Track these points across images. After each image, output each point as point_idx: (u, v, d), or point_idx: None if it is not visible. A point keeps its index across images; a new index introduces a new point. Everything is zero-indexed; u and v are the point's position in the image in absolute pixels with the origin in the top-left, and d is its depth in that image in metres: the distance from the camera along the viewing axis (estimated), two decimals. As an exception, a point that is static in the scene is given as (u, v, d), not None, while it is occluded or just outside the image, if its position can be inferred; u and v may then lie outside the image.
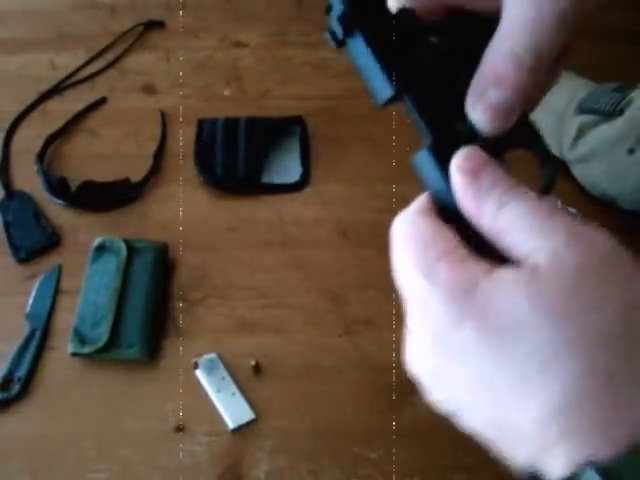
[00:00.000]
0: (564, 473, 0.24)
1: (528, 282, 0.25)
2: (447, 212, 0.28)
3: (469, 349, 0.26)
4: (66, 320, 0.65)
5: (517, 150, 0.30)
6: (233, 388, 0.62)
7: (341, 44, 0.30)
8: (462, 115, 0.28)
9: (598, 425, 0.23)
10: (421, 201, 0.29)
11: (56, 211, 0.73)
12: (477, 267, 0.26)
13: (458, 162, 0.28)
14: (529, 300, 0.24)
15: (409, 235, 0.28)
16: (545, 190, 0.29)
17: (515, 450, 0.26)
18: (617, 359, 0.24)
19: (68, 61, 0.85)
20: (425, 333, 0.27)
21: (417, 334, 0.28)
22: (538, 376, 0.24)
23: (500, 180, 0.27)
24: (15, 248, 0.70)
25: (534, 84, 0.28)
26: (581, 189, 0.75)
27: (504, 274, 0.25)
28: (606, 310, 0.24)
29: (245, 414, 0.60)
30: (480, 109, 0.29)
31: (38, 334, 0.64)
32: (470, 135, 0.28)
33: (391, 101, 0.29)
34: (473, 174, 0.27)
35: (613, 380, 0.23)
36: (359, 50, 0.29)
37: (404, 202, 0.35)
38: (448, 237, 0.27)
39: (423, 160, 0.29)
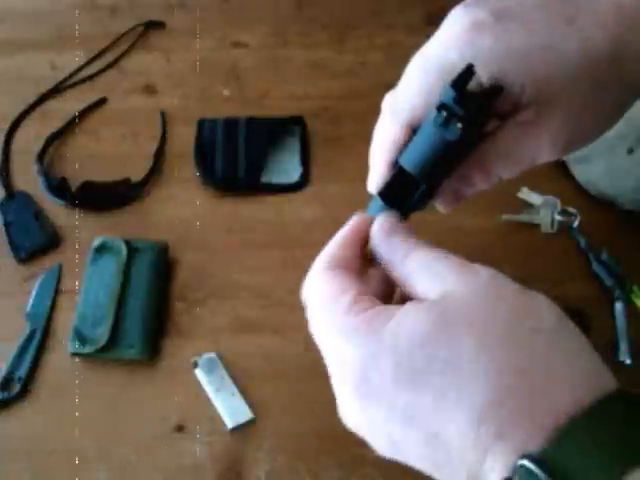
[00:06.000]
0: (505, 474, 0.25)
1: (428, 309, 0.29)
2: None
3: (388, 383, 0.28)
4: (66, 320, 0.65)
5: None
6: (232, 388, 0.62)
7: None
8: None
9: (522, 418, 0.25)
10: (324, 257, 0.34)
11: (56, 211, 0.73)
12: (382, 310, 0.30)
13: (377, 224, 0.35)
14: (432, 323, 0.28)
15: (317, 295, 0.33)
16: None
17: (454, 475, 0.27)
18: (522, 357, 0.27)
19: (68, 61, 0.85)
20: (348, 385, 0.30)
21: (342, 390, 0.31)
22: (456, 387, 0.27)
23: (407, 237, 0.34)
24: (15, 248, 0.70)
25: None
26: (581, 189, 0.75)
27: (407, 309, 0.29)
28: (496, 320, 0.28)
29: (244, 414, 0.60)
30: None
31: (38, 334, 0.64)
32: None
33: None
34: (388, 233, 0.34)
35: (525, 376, 0.26)
36: None
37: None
38: (351, 290, 0.32)
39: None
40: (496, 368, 0.26)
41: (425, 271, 0.31)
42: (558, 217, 0.73)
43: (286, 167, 0.77)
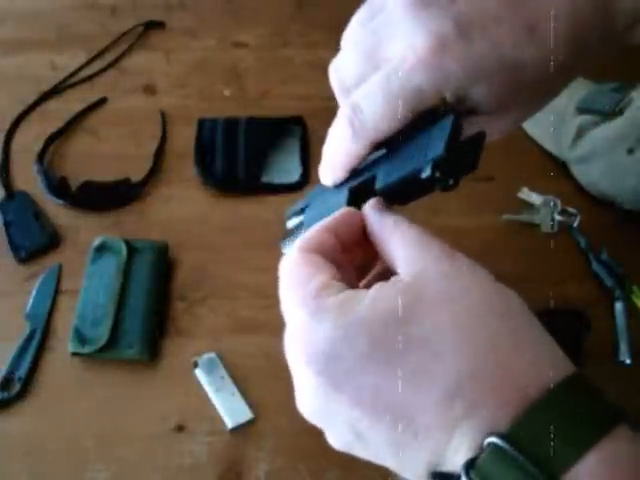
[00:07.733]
0: (470, 454, 0.26)
1: (403, 288, 0.29)
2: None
3: (359, 366, 0.28)
4: (66, 320, 0.65)
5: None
6: (232, 388, 0.62)
7: None
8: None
9: (492, 396, 0.26)
10: (302, 239, 0.34)
11: (56, 211, 0.73)
12: (353, 293, 0.30)
13: (372, 201, 0.35)
14: (407, 301, 0.28)
15: (292, 274, 0.33)
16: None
17: (415, 462, 0.28)
18: (492, 338, 0.28)
19: (68, 61, 0.85)
20: (312, 368, 0.29)
21: (305, 374, 0.30)
22: (430, 365, 0.27)
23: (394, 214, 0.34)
24: (15, 248, 0.70)
25: None
26: (581, 189, 0.75)
27: (380, 289, 0.29)
28: (469, 301, 0.29)
29: (243, 414, 0.60)
30: None
31: (38, 334, 0.64)
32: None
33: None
34: (380, 206, 0.34)
35: (495, 356, 0.27)
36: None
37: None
38: (322, 273, 0.31)
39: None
40: (468, 346, 0.27)
41: (411, 243, 0.32)
42: (558, 217, 0.73)
43: (286, 167, 0.77)
